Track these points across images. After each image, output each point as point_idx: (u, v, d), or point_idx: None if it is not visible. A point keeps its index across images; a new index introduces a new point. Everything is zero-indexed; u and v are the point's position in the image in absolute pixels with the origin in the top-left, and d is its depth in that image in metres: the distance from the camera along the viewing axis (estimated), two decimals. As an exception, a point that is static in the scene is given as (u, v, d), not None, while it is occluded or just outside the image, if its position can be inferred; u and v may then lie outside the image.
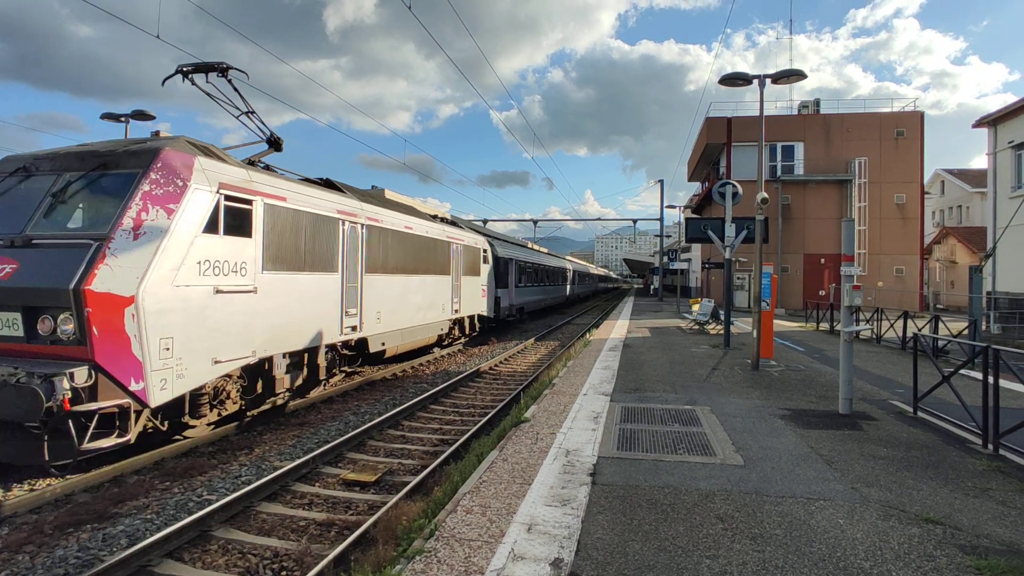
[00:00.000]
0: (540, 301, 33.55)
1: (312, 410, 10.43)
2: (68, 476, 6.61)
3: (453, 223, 19.20)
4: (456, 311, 17.08)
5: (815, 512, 4.46)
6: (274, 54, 14.06)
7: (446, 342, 17.34)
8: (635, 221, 52.43)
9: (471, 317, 19.05)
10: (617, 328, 20.60)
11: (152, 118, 9.62)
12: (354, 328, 11.02)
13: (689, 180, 45.69)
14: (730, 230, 13.54)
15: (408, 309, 13.34)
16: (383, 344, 12.28)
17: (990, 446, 6.18)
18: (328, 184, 11.42)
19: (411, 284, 13.51)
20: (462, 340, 18.98)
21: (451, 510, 4.52)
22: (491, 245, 22.38)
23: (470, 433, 8.57)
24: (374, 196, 13.46)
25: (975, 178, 43.97)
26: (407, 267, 13.33)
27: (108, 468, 6.79)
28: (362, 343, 11.55)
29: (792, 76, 11.62)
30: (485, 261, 20.60)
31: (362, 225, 11.20)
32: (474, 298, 19.05)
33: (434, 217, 17.05)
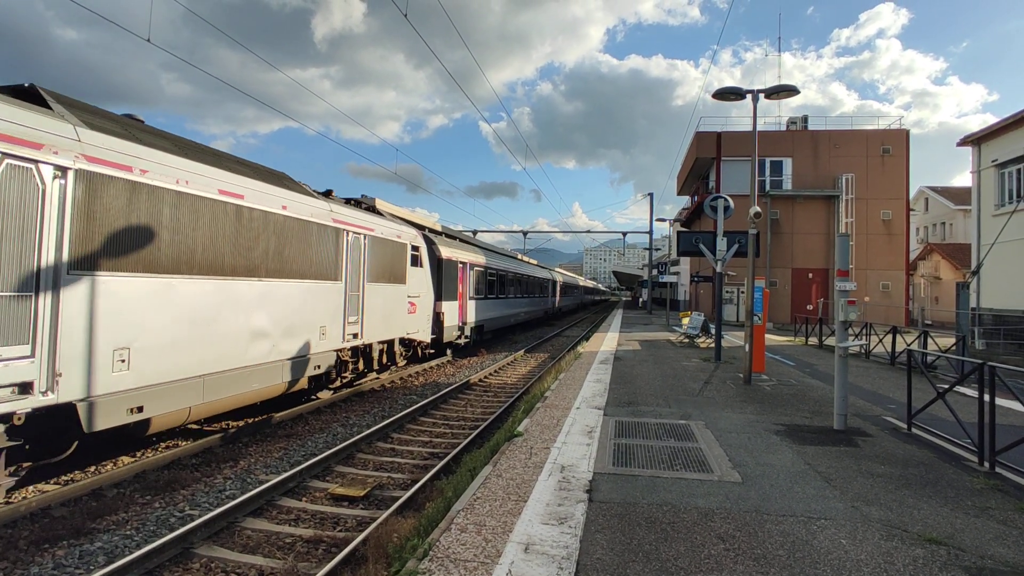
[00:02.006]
0: (511, 317, 27.81)
1: (300, 421, 10.22)
2: (45, 489, 6.38)
3: (373, 209, 14.38)
4: (355, 335, 11.83)
5: (817, 532, 4.37)
6: (265, 60, 13.90)
7: (336, 382, 12.01)
8: (624, 234, 52.62)
9: (388, 343, 13.87)
10: (607, 341, 20.54)
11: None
12: (24, 390, 5.62)
13: (678, 194, 46.01)
14: (722, 244, 13.55)
15: (224, 339, 8.06)
16: (135, 410, 6.75)
17: (986, 464, 6.14)
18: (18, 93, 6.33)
19: (233, 295, 8.24)
20: (369, 377, 13.63)
21: (445, 528, 4.37)
22: (430, 242, 17.53)
23: (461, 447, 8.43)
24: (127, 124, 7.42)
25: (958, 195, 44.71)
26: (222, 264, 8.02)
27: (87, 481, 6.56)
28: (60, 415, 6.08)
29: (784, 92, 11.69)
30: (418, 263, 15.38)
31: (59, 171, 5.91)
32: (395, 316, 13.84)
33: (326, 195, 11.95)
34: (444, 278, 17.81)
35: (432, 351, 17.51)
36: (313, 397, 11.38)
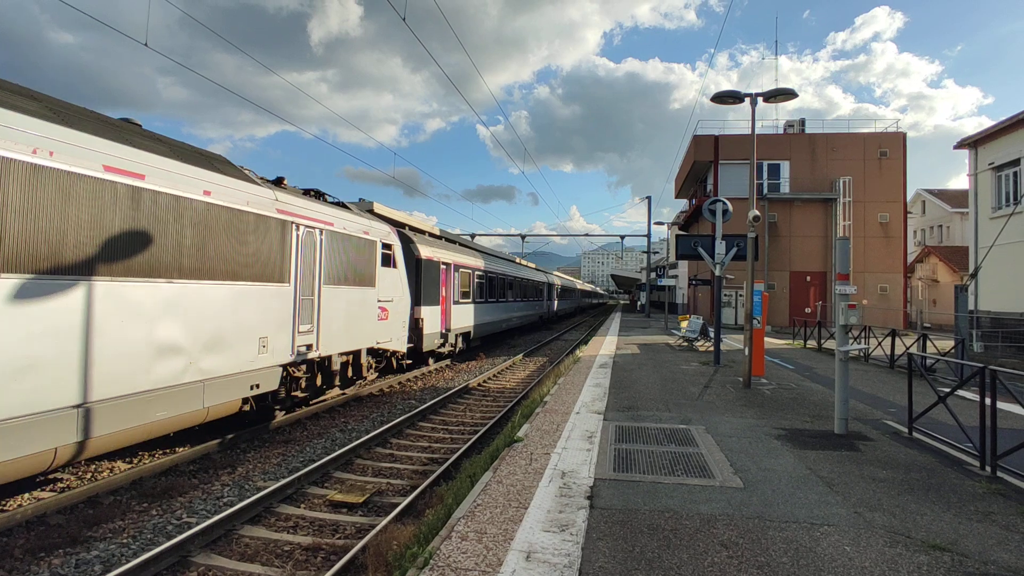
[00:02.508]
0: (503, 322, 26.24)
1: (298, 426, 10.16)
2: (41, 496, 6.32)
3: (342, 205, 12.40)
4: (309, 347, 10.09)
5: (820, 538, 4.34)
6: (262, 63, 13.88)
7: (288, 402, 10.20)
8: (623, 237, 52.68)
9: (353, 355, 12.10)
10: (606, 345, 20.51)
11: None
12: None
13: (676, 197, 46.06)
14: (720, 247, 13.54)
15: (112, 357, 6.38)
16: None
17: (988, 468, 6.12)
18: None
19: (126, 301, 6.55)
20: (332, 394, 11.88)
21: (446, 536, 4.33)
22: (407, 240, 15.91)
23: (460, 452, 8.38)
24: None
25: (955, 198, 44.86)
26: (109, 261, 6.37)
27: (83, 488, 6.50)
28: None
29: (782, 95, 11.70)
30: (390, 263, 13.68)
31: None
32: (361, 323, 12.04)
33: (275, 183, 10.08)
34: (424, 280, 16.17)
35: (409, 361, 15.83)
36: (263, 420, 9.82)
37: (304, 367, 10.34)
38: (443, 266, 17.89)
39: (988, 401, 6.03)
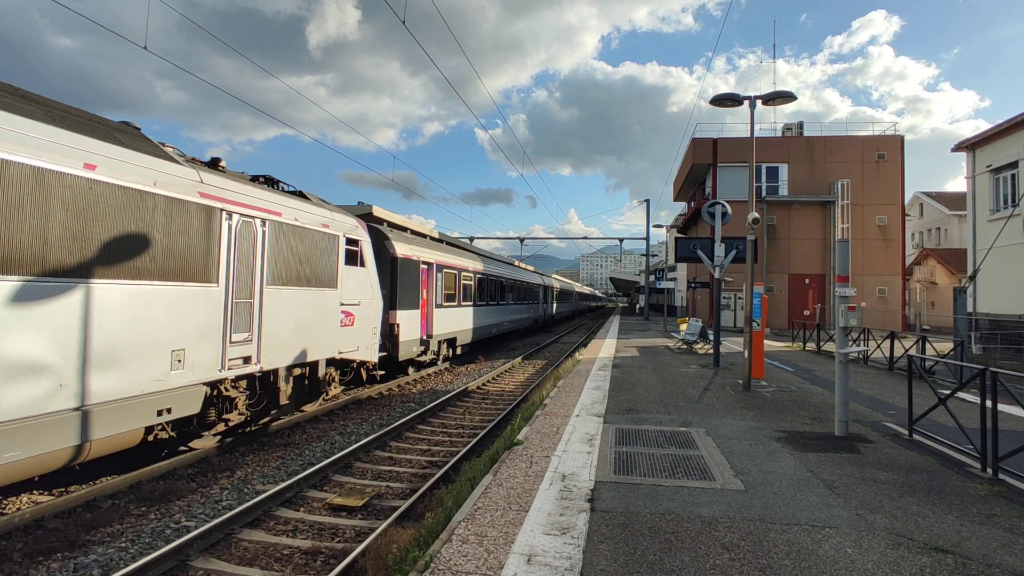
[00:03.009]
0: (494, 327, 24.40)
1: (297, 429, 10.13)
2: (39, 500, 6.29)
3: (301, 195, 10.73)
4: (247, 360, 8.54)
5: (822, 541, 4.32)
6: (262, 67, 13.88)
7: (220, 426, 8.69)
8: (621, 240, 52.71)
9: (309, 367, 10.32)
10: (605, 347, 20.50)
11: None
12: None
13: (675, 200, 46.11)
14: (720, 250, 13.55)
15: None
16: None
17: (989, 470, 6.11)
18: None
19: None
20: (285, 420, 10.40)
21: (446, 539, 4.31)
22: (380, 236, 14.39)
23: (460, 455, 8.36)
24: None
25: (953, 201, 44.96)
26: None
27: (81, 492, 6.47)
28: None
29: (781, 98, 11.71)
30: (356, 261, 11.75)
31: None
32: (319, 330, 10.33)
33: (211, 165, 8.67)
34: (400, 281, 14.61)
35: (382, 372, 14.30)
36: (184, 447, 8.39)
37: (243, 384, 8.78)
38: (424, 266, 16.28)
39: (989, 403, 6.03)
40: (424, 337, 16.29)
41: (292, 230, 9.65)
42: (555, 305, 45.42)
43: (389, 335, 14.11)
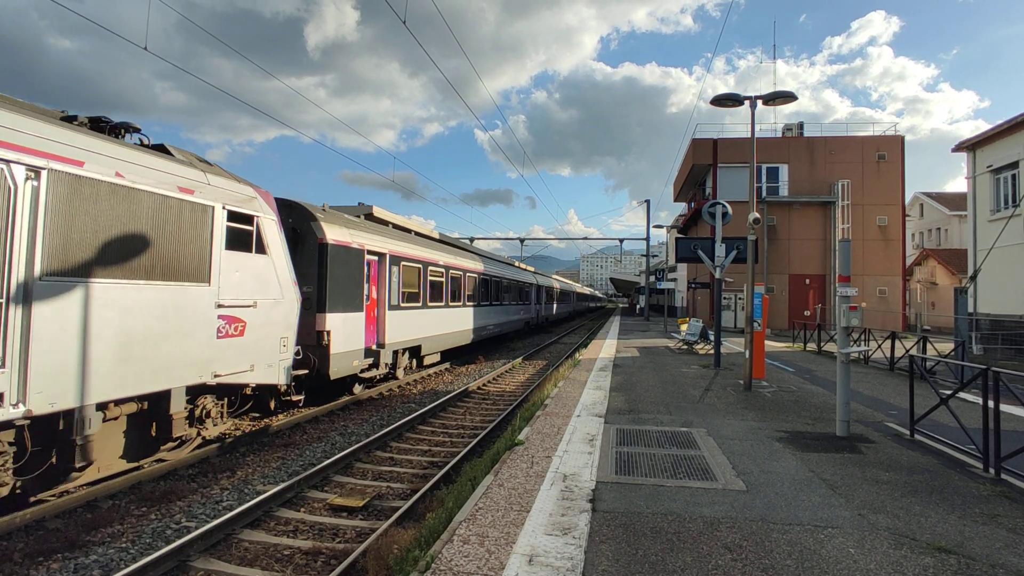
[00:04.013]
0: (472, 332, 20.94)
1: (297, 430, 10.12)
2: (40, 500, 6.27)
3: (162, 149, 7.90)
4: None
5: (825, 541, 4.31)
6: (262, 67, 13.85)
7: None
8: (621, 241, 52.72)
9: (150, 401, 7.26)
10: (605, 348, 20.49)
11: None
12: None
13: (675, 200, 46.11)
14: (720, 250, 13.54)
15: None
16: None
17: (991, 470, 6.09)
18: None
19: None
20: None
21: (447, 540, 4.30)
22: (303, 214, 11.33)
23: (460, 455, 8.35)
24: None
25: (953, 201, 44.96)
26: None
27: (81, 492, 6.47)
28: None
29: (782, 98, 11.71)
30: (246, 246, 8.71)
31: None
32: (178, 344, 7.37)
33: None
34: (334, 275, 11.30)
35: (299, 398, 10.80)
36: None
37: None
38: (372, 256, 13.11)
39: (991, 403, 6.02)
40: (372, 346, 13.11)
41: (108, 192, 6.43)
42: (554, 306, 43.64)
43: (317, 346, 10.88)
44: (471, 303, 21.02)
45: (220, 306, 8.12)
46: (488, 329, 23.17)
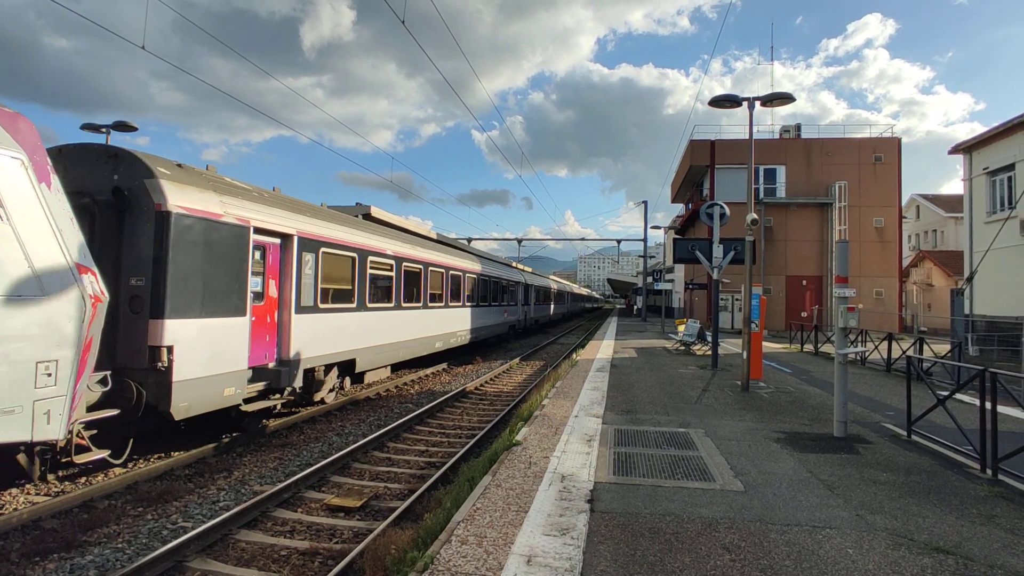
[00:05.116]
0: (438, 339, 17.25)
1: (294, 430, 10.09)
2: (35, 500, 6.24)
3: None
4: None
5: (823, 541, 4.31)
6: (260, 67, 13.83)
7: None
8: (619, 241, 52.76)
9: None
10: (603, 348, 20.49)
11: (134, 129, 9.18)
12: None
13: (672, 201, 46.18)
14: (718, 251, 13.55)
15: None
16: None
17: (988, 471, 6.11)
18: None
19: None
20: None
21: (445, 540, 4.29)
22: (116, 158, 7.83)
23: (458, 456, 8.33)
24: None
25: (949, 203, 45.09)
26: None
27: (78, 492, 6.43)
28: None
29: (780, 99, 11.73)
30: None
31: None
32: None
33: None
34: (181, 262, 7.72)
35: (99, 456, 6.87)
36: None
37: None
38: (266, 238, 9.42)
39: (988, 404, 6.03)
40: (268, 364, 9.55)
41: None
42: (550, 306, 41.51)
43: (148, 370, 7.32)
44: (437, 304, 17.39)
45: None
46: (459, 336, 19.57)
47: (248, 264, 8.84)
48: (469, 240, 46.10)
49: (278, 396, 9.81)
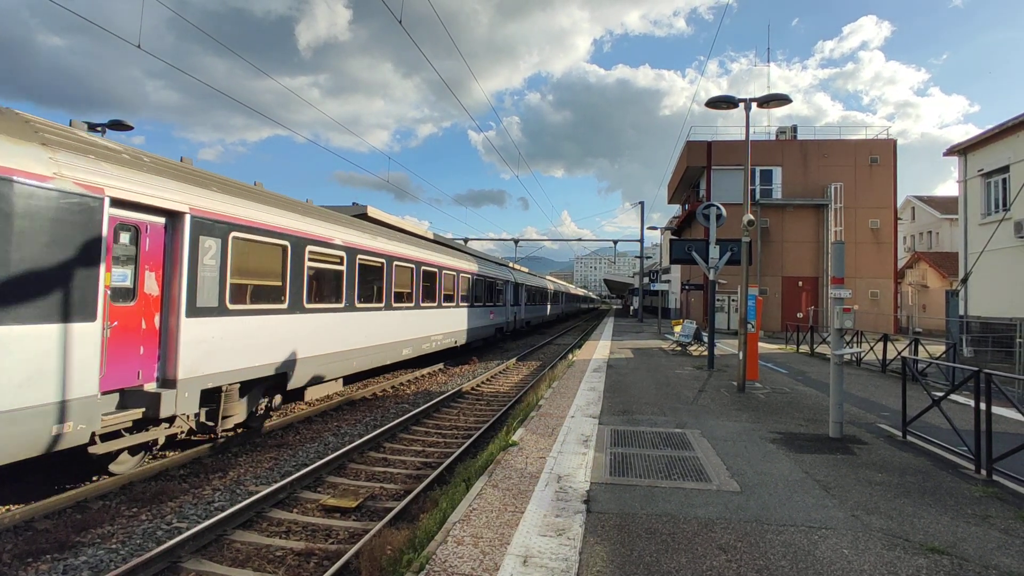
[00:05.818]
0: (404, 344, 14.74)
1: (290, 431, 10.06)
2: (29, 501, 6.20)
3: None
4: None
5: (819, 542, 4.31)
6: (256, 66, 13.75)
7: None
8: (615, 242, 52.79)
9: None
10: (600, 349, 20.50)
11: (130, 128, 9.12)
12: None
13: (669, 202, 46.24)
14: (714, 252, 13.57)
15: None
16: None
17: (983, 471, 6.13)
18: None
19: None
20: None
21: (441, 540, 4.28)
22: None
23: (454, 456, 8.31)
24: None
25: (944, 205, 45.27)
26: None
27: (72, 492, 6.40)
28: None
29: (776, 101, 11.76)
30: None
31: None
32: None
33: None
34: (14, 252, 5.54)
35: None
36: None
37: None
38: (138, 216, 7.06)
39: (983, 405, 6.05)
40: (140, 385, 7.05)
41: None
42: (547, 307, 40.59)
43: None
44: (405, 304, 14.93)
45: None
46: (433, 340, 17.03)
47: (102, 249, 6.40)
48: (466, 240, 46.03)
49: (165, 426, 7.49)
